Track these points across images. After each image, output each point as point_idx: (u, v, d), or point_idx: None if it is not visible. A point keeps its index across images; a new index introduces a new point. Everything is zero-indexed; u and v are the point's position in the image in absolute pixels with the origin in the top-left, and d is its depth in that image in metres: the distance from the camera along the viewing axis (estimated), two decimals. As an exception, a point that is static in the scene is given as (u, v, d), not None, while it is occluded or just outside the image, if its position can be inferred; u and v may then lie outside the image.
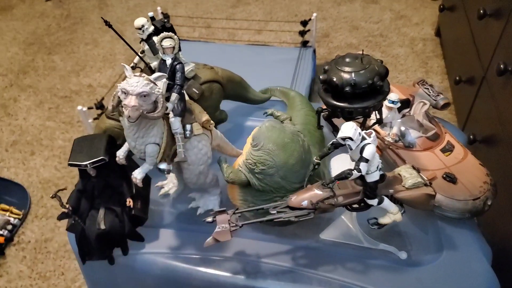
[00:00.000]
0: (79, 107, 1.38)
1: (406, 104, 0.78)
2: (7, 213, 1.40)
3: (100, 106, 1.43)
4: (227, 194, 0.71)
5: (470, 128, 1.20)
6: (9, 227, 1.36)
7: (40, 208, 1.47)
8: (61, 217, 0.65)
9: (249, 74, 0.94)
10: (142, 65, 0.78)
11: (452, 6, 1.68)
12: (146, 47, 0.73)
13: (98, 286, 0.77)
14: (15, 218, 1.40)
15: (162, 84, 0.57)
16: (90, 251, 0.65)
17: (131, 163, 0.68)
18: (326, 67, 0.63)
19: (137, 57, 0.75)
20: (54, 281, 1.25)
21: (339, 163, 0.69)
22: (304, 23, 1.81)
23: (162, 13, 1.87)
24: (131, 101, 0.52)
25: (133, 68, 0.76)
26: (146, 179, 0.69)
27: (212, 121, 0.66)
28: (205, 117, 0.65)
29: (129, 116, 0.53)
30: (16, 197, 1.48)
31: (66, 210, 0.63)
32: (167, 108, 0.58)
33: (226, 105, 0.88)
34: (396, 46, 2.11)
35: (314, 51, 1.85)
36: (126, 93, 0.53)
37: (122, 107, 0.55)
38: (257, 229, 0.68)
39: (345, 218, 0.67)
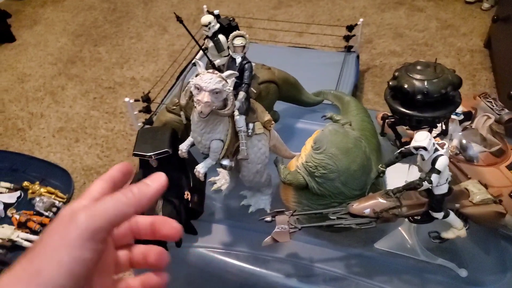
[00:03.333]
0: (126, 99, 1.41)
1: (468, 116, 0.75)
2: (53, 196, 1.45)
3: (146, 99, 1.46)
4: (280, 194, 0.71)
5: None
6: (54, 209, 1.41)
7: (81, 193, 1.52)
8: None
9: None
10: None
11: (507, 17, 1.63)
12: (211, 44, 0.74)
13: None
14: (59, 201, 1.45)
15: (231, 82, 0.57)
16: (145, 240, 0.66)
17: (190, 157, 0.69)
18: (396, 74, 0.62)
19: (200, 54, 0.76)
20: (93, 266, 1.30)
21: (392, 172, 0.68)
22: (350, 28, 1.79)
23: (207, 11, 1.90)
24: (204, 97, 0.53)
25: (193, 64, 0.77)
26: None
27: (273, 121, 0.66)
28: (267, 117, 0.65)
29: (201, 112, 0.54)
30: (61, 181, 1.53)
31: (126, 199, 0.65)
32: (235, 106, 0.58)
33: (277, 106, 0.89)
34: (441, 56, 2.06)
35: (358, 56, 1.83)
36: (199, 88, 0.54)
37: (193, 102, 0.56)
38: (308, 233, 0.68)
39: (402, 229, 0.66)
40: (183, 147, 0.63)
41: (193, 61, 0.77)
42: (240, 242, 0.68)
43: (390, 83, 0.62)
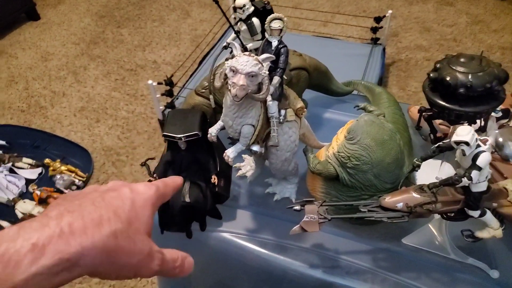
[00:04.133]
0: (150, 81, 1.41)
1: (505, 114, 0.73)
2: (73, 175, 1.47)
3: (169, 82, 1.46)
4: (306, 184, 0.70)
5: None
6: (74, 187, 1.43)
7: (102, 174, 1.53)
8: (146, 185, 0.66)
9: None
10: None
11: (543, 16, 1.56)
12: (244, 27, 0.72)
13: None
14: (79, 180, 1.47)
15: (266, 66, 0.56)
16: (170, 222, 0.66)
17: (217, 141, 0.68)
18: (438, 65, 0.59)
19: (231, 37, 0.74)
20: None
21: (423, 167, 0.66)
22: (378, 19, 1.76)
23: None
24: (240, 79, 0.52)
25: (225, 47, 0.76)
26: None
27: (305, 109, 0.64)
28: (299, 104, 0.63)
29: (236, 95, 0.53)
30: (81, 161, 1.55)
31: (152, 179, 0.65)
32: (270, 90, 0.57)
33: (305, 95, 0.87)
34: (470, 52, 2.01)
35: (384, 49, 1.80)
36: (235, 71, 0.52)
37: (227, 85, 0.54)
38: (333, 225, 0.67)
39: (432, 226, 0.64)
40: (213, 131, 0.62)
41: (224, 45, 0.76)
42: (264, 229, 0.67)
43: (431, 74, 0.60)
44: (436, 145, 0.56)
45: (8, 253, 0.25)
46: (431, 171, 0.72)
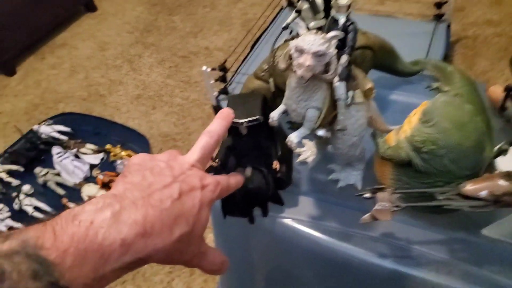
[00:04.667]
0: (204, 67, 1.41)
1: None
2: (132, 160, 1.53)
3: (222, 68, 1.45)
4: (374, 170, 0.66)
5: None
6: (133, 173, 1.49)
7: (160, 157, 1.57)
8: (208, 170, 0.66)
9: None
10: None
11: None
12: (305, 6, 0.69)
13: (227, 243, 0.78)
14: (140, 164, 1.52)
15: (334, 44, 0.53)
16: (232, 207, 0.65)
17: (278, 126, 0.66)
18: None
19: (292, 17, 0.71)
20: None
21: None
22: (442, -7, 1.63)
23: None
24: (306, 60, 0.49)
25: (285, 28, 0.73)
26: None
27: (375, 90, 0.60)
28: (369, 84, 0.60)
29: (302, 77, 0.50)
30: (139, 146, 1.60)
31: (215, 164, 0.64)
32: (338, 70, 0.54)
33: (369, 75, 0.82)
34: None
35: (449, 26, 1.67)
36: (301, 51, 0.50)
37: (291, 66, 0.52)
38: (404, 213, 0.63)
39: (517, 216, 0.59)
40: (275, 115, 0.60)
41: (283, 25, 0.73)
42: (328, 216, 0.65)
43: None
44: (526, 128, 0.51)
45: (104, 244, 0.27)
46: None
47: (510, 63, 0.57)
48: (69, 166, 1.48)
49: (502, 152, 0.52)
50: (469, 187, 0.51)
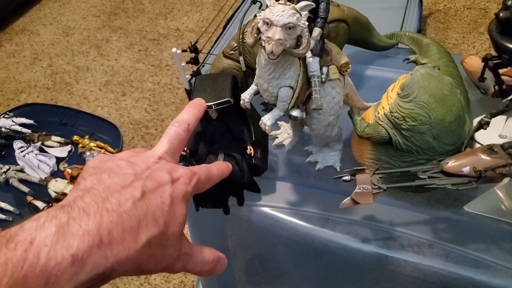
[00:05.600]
0: (174, 49, 1.34)
1: None
2: (102, 151, 1.46)
3: (194, 49, 1.39)
4: (351, 150, 0.63)
5: None
6: (104, 162, 1.42)
7: (131, 148, 1.51)
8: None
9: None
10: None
11: None
12: (274, -24, 0.64)
13: (203, 236, 0.75)
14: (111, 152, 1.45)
15: (305, 16, 0.48)
16: (205, 198, 0.61)
17: (251, 108, 0.62)
18: (509, 2, 0.50)
19: (260, -11, 0.66)
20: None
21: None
22: (414, -35, 1.60)
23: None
24: (275, 33, 0.44)
25: (253, 2, 0.68)
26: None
27: (350, 65, 0.57)
28: (344, 59, 0.56)
29: (271, 52, 0.45)
30: (110, 136, 1.53)
31: (184, 153, 0.59)
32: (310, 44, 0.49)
33: (344, 50, 0.79)
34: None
35: (421, 0, 1.65)
36: (269, 24, 0.45)
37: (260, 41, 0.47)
38: (386, 194, 0.60)
39: (499, 190, 0.57)
40: (246, 96, 0.56)
41: (252, -2, 0.68)
42: (307, 202, 0.62)
43: (501, 14, 0.51)
44: (509, 98, 0.48)
45: (49, 266, 0.22)
46: (492, 129, 0.63)
47: (490, 33, 0.54)
48: (33, 161, 1.40)
49: (483, 125, 0.50)
50: (451, 163, 0.49)
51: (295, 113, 0.54)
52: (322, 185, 0.64)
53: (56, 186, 1.32)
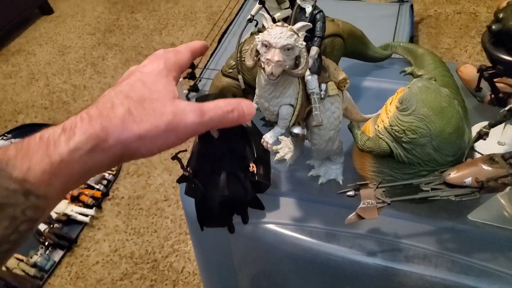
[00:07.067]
0: (170, 66, 1.36)
1: None
2: (102, 169, 1.46)
3: (190, 65, 1.40)
4: (353, 163, 0.63)
5: None
6: (105, 182, 1.42)
7: (131, 165, 1.50)
8: (180, 180, 0.61)
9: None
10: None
11: None
12: (269, -5, 0.65)
13: (208, 252, 0.75)
14: (109, 173, 1.45)
15: (302, 36, 0.49)
16: (209, 217, 0.62)
17: (252, 125, 0.63)
18: (501, 15, 0.51)
19: (256, 8, 0.67)
20: (148, 238, 1.29)
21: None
22: (404, -26, 1.62)
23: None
24: (274, 55, 0.45)
25: (249, 20, 0.69)
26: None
27: (348, 81, 0.57)
28: (341, 75, 0.56)
29: (271, 73, 0.46)
30: (109, 154, 1.52)
31: (186, 174, 0.60)
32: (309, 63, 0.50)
33: (340, 63, 0.79)
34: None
35: (412, 6, 1.67)
36: (268, 46, 0.46)
37: (260, 62, 0.48)
38: (390, 206, 0.60)
39: (501, 198, 0.57)
40: (247, 115, 0.56)
41: (248, 17, 0.69)
42: (312, 217, 0.62)
43: (493, 27, 0.52)
44: (507, 108, 0.49)
45: (44, 136, 0.27)
46: (491, 136, 0.64)
47: (483, 44, 0.55)
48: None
49: (482, 135, 0.50)
50: (453, 174, 0.49)
51: (296, 130, 0.55)
52: (325, 200, 0.64)
53: (57, 207, 1.32)
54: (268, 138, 0.54)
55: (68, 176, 0.27)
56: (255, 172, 0.60)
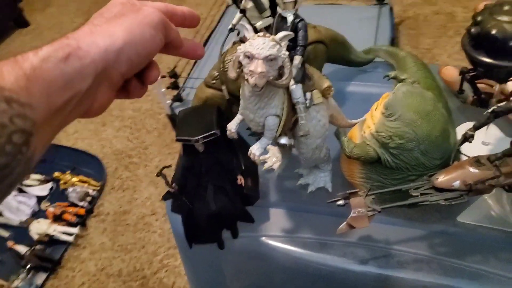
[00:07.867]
0: (152, 76, 1.33)
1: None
2: (86, 185, 1.42)
3: (173, 74, 1.38)
4: (341, 169, 0.63)
5: None
6: (89, 198, 1.38)
7: (116, 179, 1.47)
8: (166, 197, 0.60)
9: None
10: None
11: None
12: (250, 4, 0.64)
13: (198, 267, 0.73)
14: (93, 189, 1.41)
15: (284, 45, 0.48)
16: (198, 234, 0.60)
17: (238, 136, 0.62)
18: (479, 18, 0.51)
19: (237, 17, 0.66)
20: (136, 254, 1.26)
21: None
22: (381, -23, 1.64)
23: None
24: (257, 66, 0.44)
25: (231, 30, 0.68)
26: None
27: (333, 88, 0.57)
28: (326, 83, 0.56)
29: (255, 85, 0.45)
30: (92, 169, 1.49)
31: (172, 190, 0.58)
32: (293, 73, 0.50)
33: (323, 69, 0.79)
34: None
35: (391, 9, 1.69)
36: (250, 57, 0.45)
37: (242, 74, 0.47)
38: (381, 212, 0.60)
39: (489, 199, 0.57)
40: (232, 127, 0.55)
41: (230, 27, 0.68)
42: (303, 227, 0.61)
43: (472, 30, 0.52)
44: (490, 110, 0.49)
45: (15, 57, 0.26)
46: (476, 137, 0.64)
47: (463, 47, 0.55)
48: (11, 203, 1.34)
49: (468, 138, 0.51)
50: (441, 179, 0.49)
51: (283, 140, 0.54)
52: (315, 208, 0.63)
53: (38, 227, 1.27)
54: (255, 150, 0.53)
55: (46, 82, 0.26)
56: (243, 184, 0.59)
